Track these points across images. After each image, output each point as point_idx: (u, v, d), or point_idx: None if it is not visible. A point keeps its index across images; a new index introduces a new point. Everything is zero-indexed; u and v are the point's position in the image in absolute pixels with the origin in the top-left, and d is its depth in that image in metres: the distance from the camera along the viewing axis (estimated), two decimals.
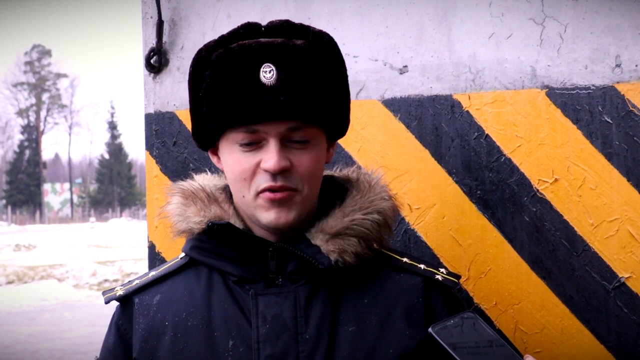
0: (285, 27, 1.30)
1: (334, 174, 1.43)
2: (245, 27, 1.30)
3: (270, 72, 1.24)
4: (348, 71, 1.38)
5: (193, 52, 1.34)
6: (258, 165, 1.27)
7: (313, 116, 1.27)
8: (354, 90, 1.74)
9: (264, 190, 1.27)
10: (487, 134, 1.67)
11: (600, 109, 1.59)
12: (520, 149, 1.64)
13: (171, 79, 1.92)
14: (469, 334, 1.16)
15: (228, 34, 1.30)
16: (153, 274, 1.41)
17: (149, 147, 1.94)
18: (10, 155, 64.87)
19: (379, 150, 1.74)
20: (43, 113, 63.27)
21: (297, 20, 1.34)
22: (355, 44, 1.77)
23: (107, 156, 64.16)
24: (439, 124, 1.70)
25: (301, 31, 1.30)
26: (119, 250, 22.75)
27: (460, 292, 1.64)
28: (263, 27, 1.30)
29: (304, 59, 1.26)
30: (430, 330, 1.16)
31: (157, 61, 1.93)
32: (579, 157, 1.60)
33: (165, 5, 1.92)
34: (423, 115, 1.72)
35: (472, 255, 1.67)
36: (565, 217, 1.61)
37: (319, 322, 1.28)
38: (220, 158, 1.34)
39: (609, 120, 1.58)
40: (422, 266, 1.37)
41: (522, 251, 1.64)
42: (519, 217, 1.64)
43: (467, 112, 1.68)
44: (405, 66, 1.74)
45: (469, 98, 1.68)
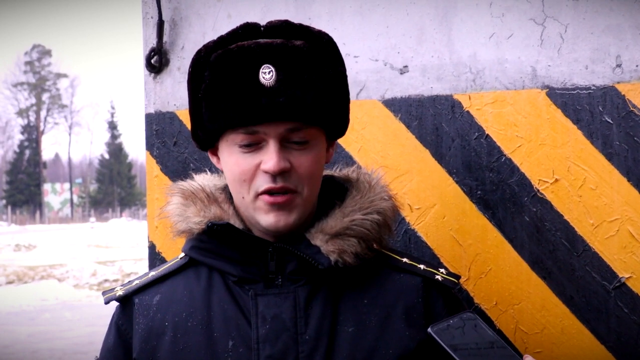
0: (285, 27, 1.29)
1: (334, 174, 1.42)
2: (244, 28, 1.29)
3: (269, 73, 1.24)
4: (348, 71, 1.38)
5: (193, 52, 1.34)
6: (258, 167, 1.26)
7: (312, 117, 1.27)
8: (355, 91, 1.74)
9: (263, 192, 1.26)
10: (488, 134, 1.67)
11: (600, 109, 1.59)
12: (520, 149, 1.64)
13: (172, 79, 1.92)
14: (470, 335, 1.16)
15: (227, 34, 1.29)
16: (153, 274, 1.41)
17: (150, 147, 1.94)
18: (10, 155, 64.94)
19: (380, 150, 1.74)
20: (43, 113, 63.35)
21: (298, 21, 1.34)
22: (356, 44, 1.77)
23: (107, 156, 64.18)
24: (440, 124, 1.70)
25: (300, 31, 1.30)
26: (119, 250, 22.76)
27: (460, 292, 1.64)
28: (262, 27, 1.30)
29: (303, 59, 1.26)
30: (429, 330, 1.16)
31: (157, 61, 1.93)
32: (579, 157, 1.60)
33: (166, 5, 1.91)
34: (423, 115, 1.72)
35: (472, 255, 1.67)
36: (566, 217, 1.61)
37: (318, 323, 1.27)
38: (220, 159, 1.34)
39: (609, 120, 1.58)
40: (421, 266, 1.36)
41: (523, 251, 1.64)
42: (520, 217, 1.64)
43: (468, 112, 1.68)
44: (406, 66, 1.73)
45: (470, 98, 1.68)
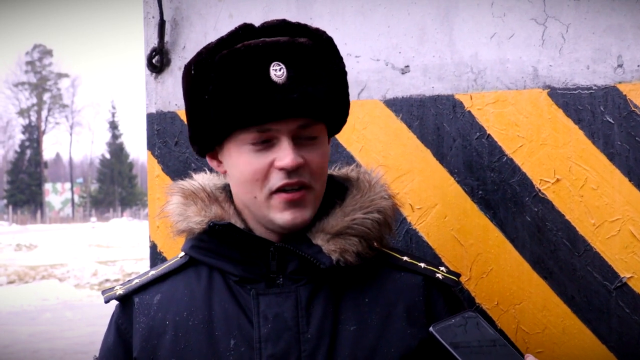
0: (284, 26, 1.30)
1: (333, 173, 1.42)
2: (244, 28, 1.30)
3: (280, 70, 1.24)
4: (350, 71, 1.38)
5: (195, 52, 1.33)
6: (270, 165, 1.26)
7: (322, 113, 1.28)
8: (356, 90, 1.74)
9: (278, 190, 1.26)
10: (489, 134, 1.67)
11: (602, 109, 1.59)
12: (522, 149, 1.64)
13: (173, 79, 1.92)
14: (472, 334, 1.16)
15: (226, 35, 1.29)
16: (153, 273, 1.41)
17: (151, 146, 1.94)
18: (11, 155, 64.97)
19: (381, 150, 1.74)
20: (44, 113, 63.37)
21: (299, 21, 1.34)
22: (357, 44, 1.77)
23: (108, 156, 64.24)
24: (441, 124, 1.70)
25: (300, 30, 1.30)
26: (120, 250, 22.77)
27: (462, 292, 1.64)
28: (262, 27, 1.30)
29: (309, 56, 1.27)
30: (431, 329, 1.16)
31: (158, 61, 1.93)
32: (580, 157, 1.60)
33: (167, 5, 1.92)
34: (425, 115, 1.71)
35: (473, 255, 1.67)
36: (567, 217, 1.61)
37: (320, 322, 1.27)
38: (223, 161, 1.34)
39: (610, 120, 1.58)
40: (422, 265, 1.37)
41: (524, 251, 1.64)
42: (521, 217, 1.64)
43: (469, 112, 1.68)
44: (407, 66, 1.73)
45: (471, 98, 1.68)
